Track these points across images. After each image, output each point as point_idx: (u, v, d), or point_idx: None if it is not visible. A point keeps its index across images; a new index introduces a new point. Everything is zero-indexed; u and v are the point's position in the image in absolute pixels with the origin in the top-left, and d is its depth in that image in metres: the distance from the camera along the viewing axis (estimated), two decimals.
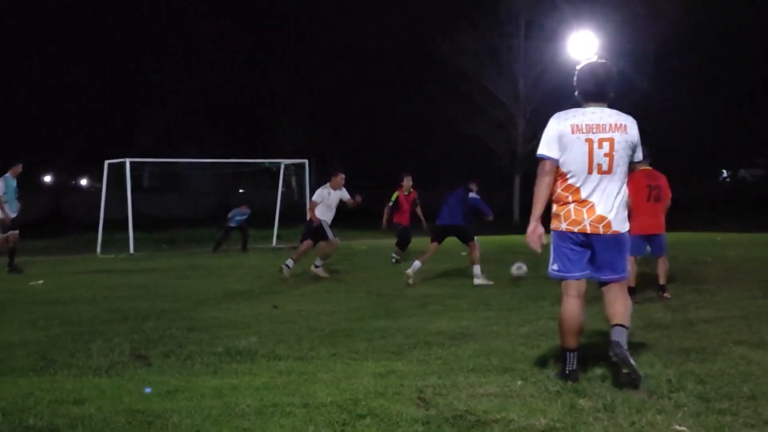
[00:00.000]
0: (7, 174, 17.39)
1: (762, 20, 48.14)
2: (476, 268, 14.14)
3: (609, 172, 6.09)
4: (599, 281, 6.31)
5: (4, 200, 17.21)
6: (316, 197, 15.97)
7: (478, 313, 10.12)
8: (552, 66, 40.27)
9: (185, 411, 5.59)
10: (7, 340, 8.63)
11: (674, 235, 16.64)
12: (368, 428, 5.19)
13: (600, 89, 6.21)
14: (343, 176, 16.24)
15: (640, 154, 6.30)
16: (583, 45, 34.11)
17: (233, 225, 25.49)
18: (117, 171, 26.28)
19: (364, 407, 5.62)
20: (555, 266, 6.31)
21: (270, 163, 31.45)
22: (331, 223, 15.99)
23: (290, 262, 15.45)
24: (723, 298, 11.04)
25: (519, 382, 6.22)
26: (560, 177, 6.21)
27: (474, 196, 14.90)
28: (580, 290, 6.27)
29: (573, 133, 6.08)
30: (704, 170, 60.15)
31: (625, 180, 6.24)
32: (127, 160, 25.77)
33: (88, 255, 24.37)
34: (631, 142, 6.14)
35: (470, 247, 14.50)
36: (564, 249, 6.24)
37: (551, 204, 6.30)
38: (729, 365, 6.67)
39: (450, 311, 10.37)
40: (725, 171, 74.86)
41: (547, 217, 6.30)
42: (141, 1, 51.34)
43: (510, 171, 44.40)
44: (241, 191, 50.99)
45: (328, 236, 15.81)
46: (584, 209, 6.12)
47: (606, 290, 6.31)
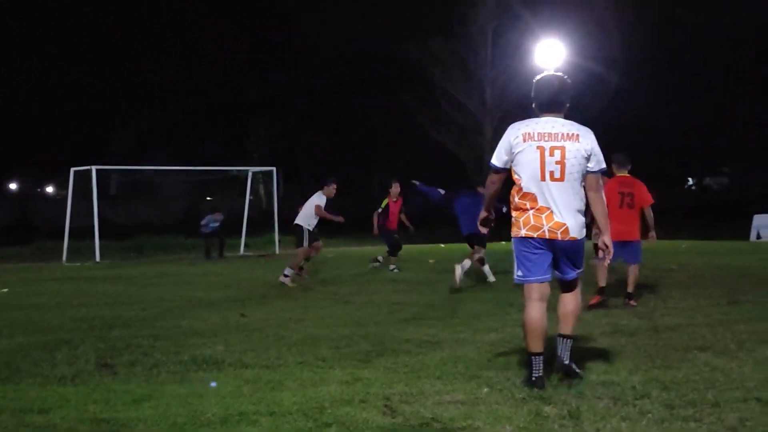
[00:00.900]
0: None
1: (728, 30, 48.67)
2: (486, 267, 15.00)
3: (561, 180, 6.26)
4: (559, 279, 6.55)
5: None
6: (320, 202, 16.19)
7: (445, 321, 10.12)
8: (519, 74, 40.46)
9: (151, 420, 5.56)
10: None
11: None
12: None
13: (555, 100, 6.46)
14: (335, 186, 16.45)
15: (596, 165, 6.39)
16: (550, 53, 34.35)
17: (207, 231, 25.36)
18: (83, 178, 26.10)
19: (330, 415, 5.60)
20: (519, 272, 6.48)
21: (237, 171, 31.32)
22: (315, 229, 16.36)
23: (289, 271, 15.73)
24: (688, 306, 11.12)
25: (485, 390, 6.23)
26: (516, 185, 6.41)
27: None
28: (543, 294, 6.42)
29: (525, 141, 6.30)
30: (670, 178, 60.63)
31: (582, 188, 6.39)
32: (93, 168, 25.62)
33: (54, 263, 24.18)
34: (585, 151, 6.29)
35: (477, 251, 14.72)
36: (525, 253, 6.40)
37: (511, 213, 6.51)
38: (693, 372, 6.71)
39: (417, 319, 10.36)
40: (691, 179, 75.66)
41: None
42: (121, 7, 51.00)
43: (478, 179, 44.47)
44: (209, 199, 50.75)
45: (304, 243, 16.17)
46: (543, 216, 6.29)
47: (562, 286, 6.61)
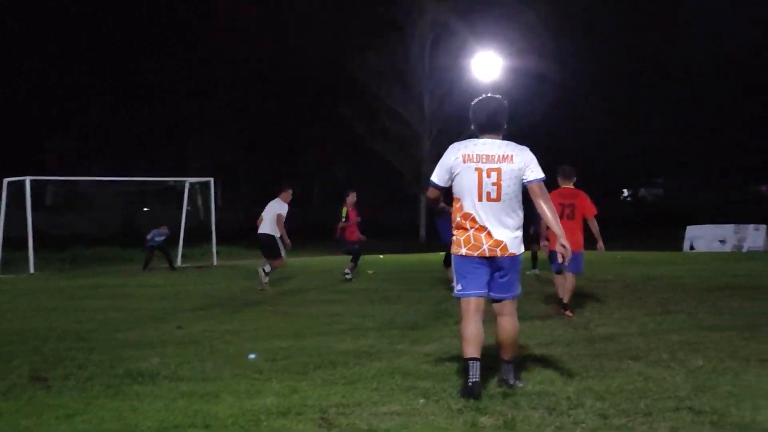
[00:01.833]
0: None
1: (660, 44, 49.56)
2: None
3: (498, 200, 6.45)
4: (492, 299, 6.65)
5: None
6: (282, 210, 16.63)
7: (383, 332, 10.12)
8: (457, 86, 40.78)
9: None
10: None
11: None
12: None
13: (493, 122, 6.62)
14: (291, 191, 16.99)
15: (535, 175, 6.52)
16: (487, 65, 34.68)
17: (153, 245, 25.06)
18: (18, 189, 25.65)
19: (266, 427, 5.58)
20: (459, 286, 6.61)
21: (175, 182, 31.02)
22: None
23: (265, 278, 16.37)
24: (622, 316, 11.25)
25: (422, 401, 6.24)
26: (456, 204, 6.59)
27: None
28: (479, 306, 6.56)
29: (465, 162, 6.48)
30: (606, 189, 61.46)
31: (520, 205, 6.58)
32: (27, 179, 25.22)
33: None
34: (518, 170, 6.47)
35: None
36: (464, 271, 6.55)
37: (453, 231, 6.65)
38: (627, 382, 6.79)
39: (355, 330, 10.34)
40: (626, 190, 76.78)
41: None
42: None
43: (416, 190, 44.66)
44: (146, 209, 50.23)
45: (282, 253, 17.04)
46: (482, 235, 6.47)
47: (498, 308, 6.67)
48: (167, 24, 51.61)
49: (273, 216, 16.62)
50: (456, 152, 6.54)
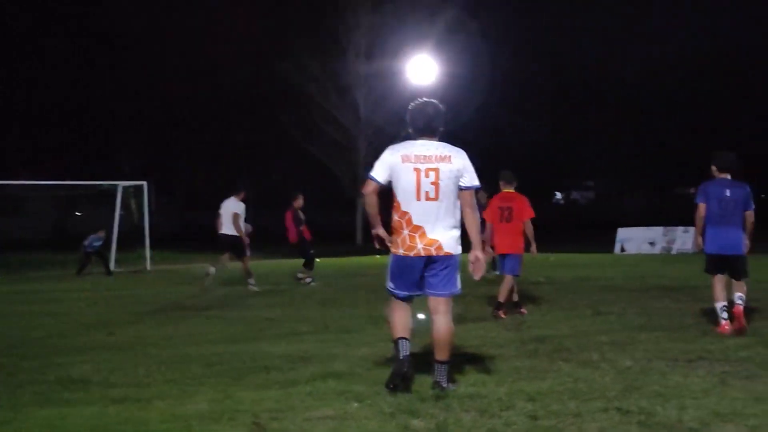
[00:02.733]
0: None
1: (589, 50, 50.27)
2: None
3: (435, 199, 6.61)
4: (428, 295, 6.77)
5: None
6: (239, 209, 17.10)
7: (317, 336, 10.12)
8: (393, 90, 40.90)
9: None
10: None
11: None
12: None
13: (429, 125, 6.83)
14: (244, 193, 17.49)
15: (470, 181, 6.73)
16: (422, 69, 34.85)
17: (90, 251, 24.64)
18: None
19: None
20: (391, 284, 6.82)
21: (107, 185, 30.56)
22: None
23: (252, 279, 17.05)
24: (554, 318, 11.39)
25: (355, 405, 6.25)
26: (395, 205, 6.74)
27: None
28: (407, 303, 6.89)
29: (403, 163, 6.66)
30: (538, 192, 62.18)
31: (457, 205, 6.73)
32: None
33: None
34: (457, 171, 6.66)
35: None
36: (398, 270, 6.76)
37: (390, 232, 6.80)
38: (557, 383, 6.87)
39: (290, 335, 10.32)
40: (558, 193, 77.67)
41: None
42: None
43: (352, 194, 44.65)
44: (78, 214, 49.40)
45: (247, 252, 17.23)
46: (417, 234, 6.63)
47: (434, 305, 6.77)
48: (87, 23, 50.90)
49: (228, 214, 17.02)
50: (395, 153, 6.74)
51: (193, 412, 6.08)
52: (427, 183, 6.60)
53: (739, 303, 9.76)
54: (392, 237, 6.77)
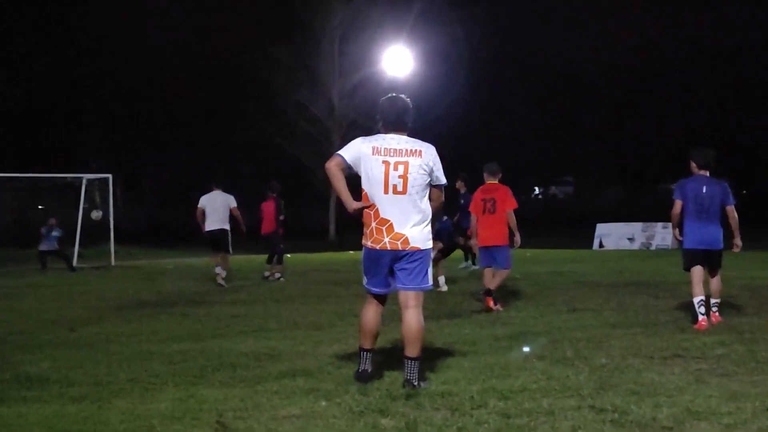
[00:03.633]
0: None
1: (575, 37, 50.43)
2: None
3: (403, 193, 6.71)
4: (399, 289, 6.85)
5: None
6: (235, 203, 17.15)
7: (286, 333, 10.09)
8: (367, 81, 40.88)
9: None
10: None
11: None
12: None
13: (399, 120, 6.96)
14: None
15: (441, 178, 6.91)
16: (398, 60, 34.87)
17: (48, 249, 24.38)
18: None
19: None
20: (365, 279, 6.99)
21: (72, 178, 30.36)
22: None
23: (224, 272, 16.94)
24: (529, 314, 11.42)
25: (323, 403, 6.23)
26: (362, 197, 6.84)
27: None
28: (380, 300, 6.99)
29: (373, 155, 6.80)
30: (517, 187, 62.43)
31: (426, 200, 6.84)
32: None
33: None
34: (426, 165, 6.77)
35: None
36: (369, 265, 6.90)
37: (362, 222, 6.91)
38: (530, 381, 6.88)
39: (257, 331, 10.28)
40: (537, 188, 77.97)
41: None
42: None
43: (326, 189, 44.59)
44: (41, 207, 49.00)
45: (230, 249, 17.27)
46: (384, 228, 6.74)
47: (404, 300, 6.82)
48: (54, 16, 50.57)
49: (225, 209, 16.97)
50: (366, 143, 6.85)
51: (156, 412, 6.04)
52: (395, 176, 6.70)
53: (715, 310, 10.24)
54: (363, 230, 6.86)
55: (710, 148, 10.33)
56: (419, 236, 6.75)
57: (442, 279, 15.09)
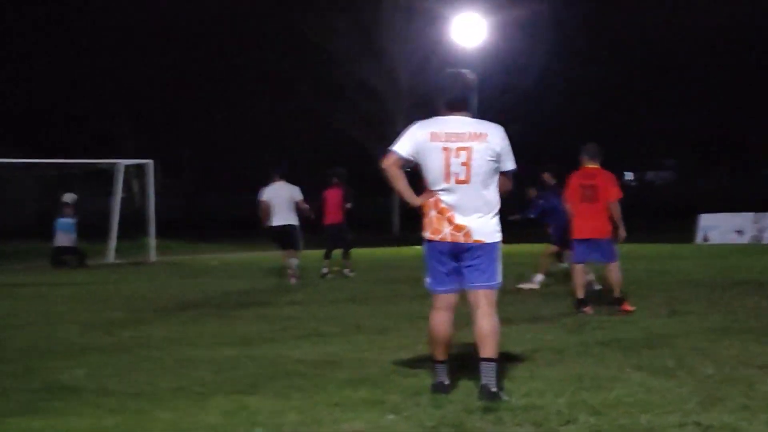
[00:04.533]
0: None
1: (678, 5, 49.76)
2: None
3: (466, 181, 6.75)
4: (467, 288, 6.88)
5: None
6: (301, 195, 17.58)
7: (347, 338, 10.15)
8: (436, 53, 40.63)
9: None
10: None
11: None
12: None
13: (461, 99, 6.96)
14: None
15: (506, 164, 6.90)
16: (470, 28, 34.75)
17: (65, 245, 24.66)
18: None
19: None
20: (428, 279, 7.00)
21: (106, 165, 30.79)
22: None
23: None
24: (623, 318, 11.35)
25: (390, 417, 6.26)
26: (425, 186, 6.88)
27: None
28: (449, 303, 6.96)
29: (431, 141, 6.80)
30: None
31: (492, 189, 6.85)
32: None
33: None
34: (492, 151, 6.77)
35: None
36: (432, 261, 6.94)
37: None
38: (626, 394, 6.84)
39: (314, 336, 10.36)
40: (630, 174, 77.10)
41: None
42: None
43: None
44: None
45: (300, 245, 17.76)
46: (444, 218, 6.76)
47: (473, 300, 6.87)
48: None
49: (290, 202, 17.31)
50: (423, 129, 6.87)
51: (203, 425, 6.13)
52: (457, 164, 6.72)
53: None
54: (423, 221, 6.91)
55: None
56: (484, 229, 6.78)
57: (540, 277, 15.21)
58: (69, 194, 25.12)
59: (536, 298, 13.53)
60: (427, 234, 6.86)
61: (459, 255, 6.80)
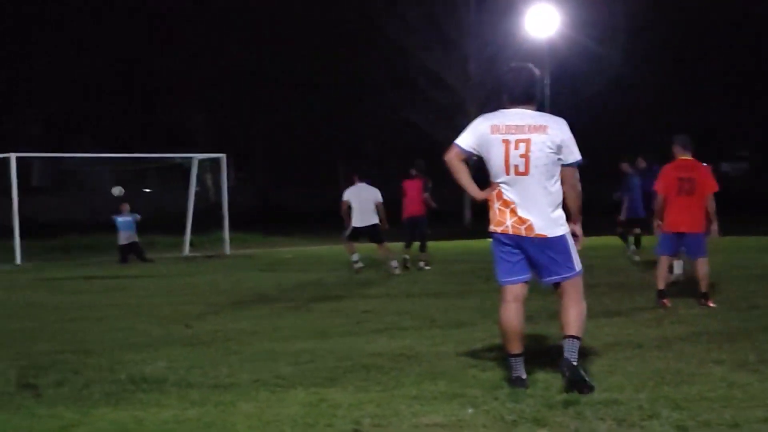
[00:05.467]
0: None
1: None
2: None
3: (525, 174, 6.81)
4: (544, 284, 6.97)
5: None
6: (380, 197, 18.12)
7: (423, 332, 10.16)
8: (508, 45, 40.42)
9: None
10: None
11: (649, 239, 16.93)
12: None
13: (526, 93, 7.03)
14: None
15: (568, 156, 6.89)
16: (543, 20, 34.51)
17: (127, 243, 24.73)
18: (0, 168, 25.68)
19: None
20: (497, 271, 7.10)
21: (181, 159, 31.12)
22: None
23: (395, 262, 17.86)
24: (702, 312, 11.22)
25: (470, 410, 6.26)
26: (490, 182, 6.95)
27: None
28: (517, 295, 7.01)
29: (492, 134, 6.89)
30: None
31: (554, 181, 6.85)
32: (13, 155, 25.13)
33: None
34: (552, 143, 6.78)
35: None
36: (498, 253, 7.04)
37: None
38: (708, 388, 6.77)
39: (390, 329, 10.38)
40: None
41: None
42: None
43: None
44: (147, 191, 50.34)
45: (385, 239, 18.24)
46: (507, 210, 6.84)
47: (560, 290, 6.95)
48: None
49: (371, 203, 17.86)
50: (486, 122, 6.97)
51: (285, 417, 6.18)
52: (516, 156, 6.77)
53: None
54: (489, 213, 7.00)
55: None
56: (546, 223, 6.79)
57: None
58: (116, 188, 25.34)
59: (614, 292, 13.39)
60: (492, 226, 6.95)
61: (524, 248, 6.86)
